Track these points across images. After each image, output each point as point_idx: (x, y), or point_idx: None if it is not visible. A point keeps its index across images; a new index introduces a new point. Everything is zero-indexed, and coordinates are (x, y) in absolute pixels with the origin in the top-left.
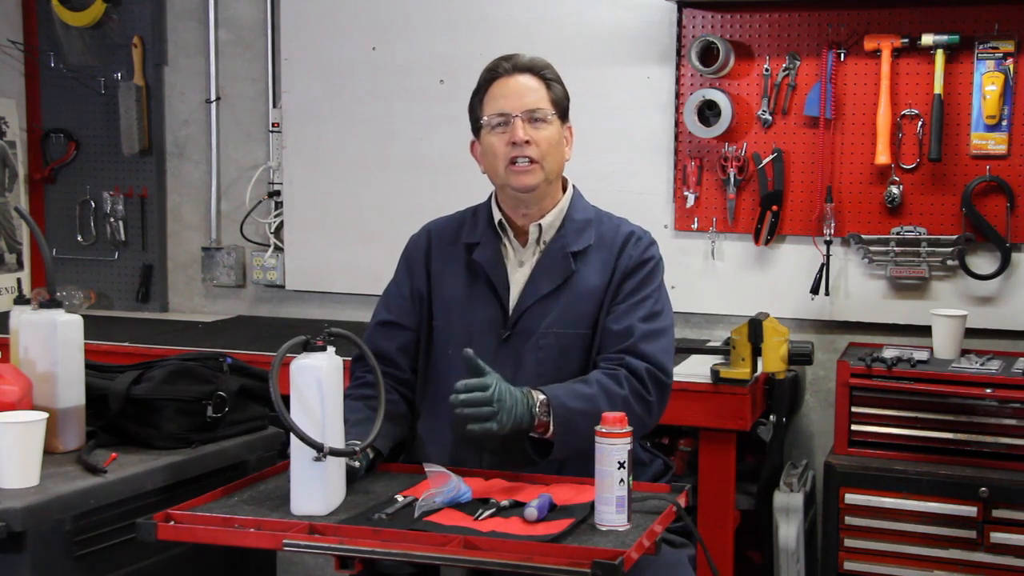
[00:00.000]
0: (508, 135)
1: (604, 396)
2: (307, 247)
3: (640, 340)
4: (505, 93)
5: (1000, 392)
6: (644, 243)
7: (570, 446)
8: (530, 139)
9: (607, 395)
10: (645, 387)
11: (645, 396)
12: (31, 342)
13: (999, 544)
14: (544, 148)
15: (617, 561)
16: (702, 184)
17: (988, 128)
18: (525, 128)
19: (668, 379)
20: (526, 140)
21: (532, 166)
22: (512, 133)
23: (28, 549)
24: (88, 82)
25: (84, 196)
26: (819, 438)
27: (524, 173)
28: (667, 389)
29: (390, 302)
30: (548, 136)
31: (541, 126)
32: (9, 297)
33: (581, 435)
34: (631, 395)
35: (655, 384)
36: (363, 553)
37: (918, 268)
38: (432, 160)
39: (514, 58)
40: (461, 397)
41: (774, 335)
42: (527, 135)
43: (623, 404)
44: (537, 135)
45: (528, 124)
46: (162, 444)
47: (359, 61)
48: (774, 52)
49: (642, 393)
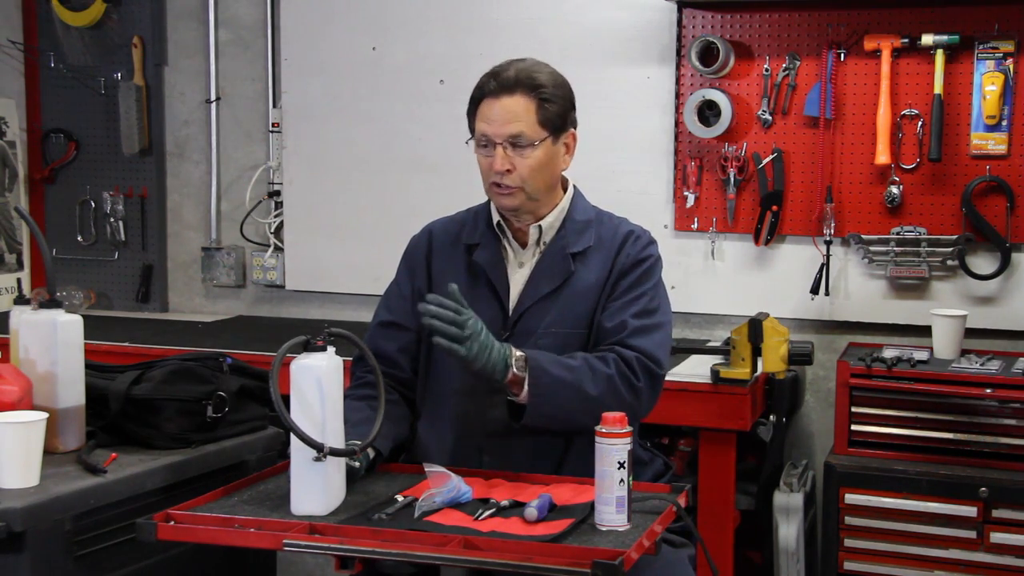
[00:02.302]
0: (491, 159)
1: (588, 371)
2: (307, 247)
3: (632, 334)
4: (489, 117)
5: (1000, 392)
6: (642, 242)
7: (544, 412)
8: (511, 167)
9: (591, 371)
10: (634, 373)
11: (632, 381)
12: (31, 342)
13: (999, 544)
14: (526, 174)
15: (617, 561)
16: (702, 184)
17: (988, 128)
18: (506, 156)
19: (660, 370)
20: (506, 169)
21: (512, 190)
22: (493, 160)
23: (28, 549)
24: (88, 82)
25: (84, 196)
26: (819, 438)
27: (504, 196)
28: (659, 380)
29: (391, 302)
30: (531, 162)
31: (524, 151)
32: (9, 297)
33: (558, 404)
34: (617, 376)
35: (645, 372)
36: (363, 553)
37: (918, 268)
38: (432, 160)
39: (503, 74)
40: (431, 308)
41: (774, 335)
42: (507, 164)
43: (607, 382)
44: (520, 161)
45: (511, 149)
46: (162, 444)
47: (359, 61)
48: (774, 52)
49: (629, 377)
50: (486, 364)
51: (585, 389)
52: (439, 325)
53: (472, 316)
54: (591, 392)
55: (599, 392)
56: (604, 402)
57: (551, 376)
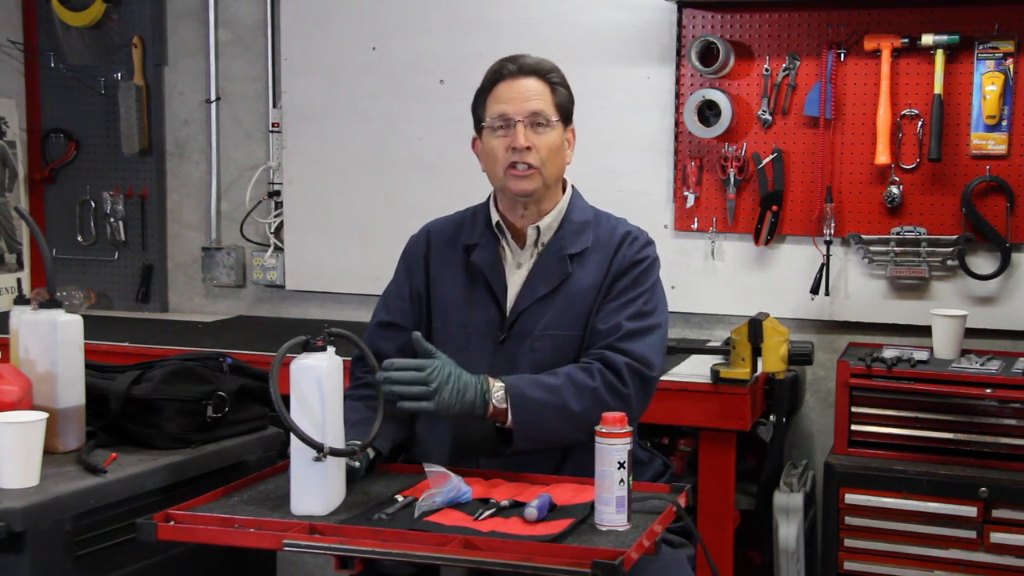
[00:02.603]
0: (509, 139)
1: (571, 388)
2: (307, 247)
3: (624, 337)
4: (508, 96)
5: (1000, 392)
6: (639, 243)
7: (532, 436)
8: (531, 145)
9: (575, 387)
10: (621, 380)
11: (620, 389)
12: (31, 342)
13: (999, 544)
14: (544, 154)
15: (617, 561)
16: (702, 184)
17: (988, 128)
18: (526, 133)
19: (652, 373)
20: (527, 146)
21: (531, 171)
22: (513, 138)
23: (28, 549)
24: (88, 82)
25: (84, 196)
26: (819, 438)
27: (523, 179)
28: (651, 383)
29: (389, 303)
30: (549, 142)
31: (543, 131)
32: (9, 297)
33: (544, 427)
34: (603, 387)
35: (635, 377)
36: (363, 553)
37: (918, 268)
38: (432, 160)
39: (520, 59)
40: (388, 375)
41: (774, 335)
42: (528, 141)
43: (592, 396)
44: (538, 140)
45: (530, 129)
46: (162, 444)
47: (359, 61)
48: (774, 52)
49: (616, 386)
50: (463, 407)
51: (570, 407)
52: (400, 390)
53: (436, 364)
54: (576, 409)
55: (584, 408)
56: (590, 417)
57: (533, 401)
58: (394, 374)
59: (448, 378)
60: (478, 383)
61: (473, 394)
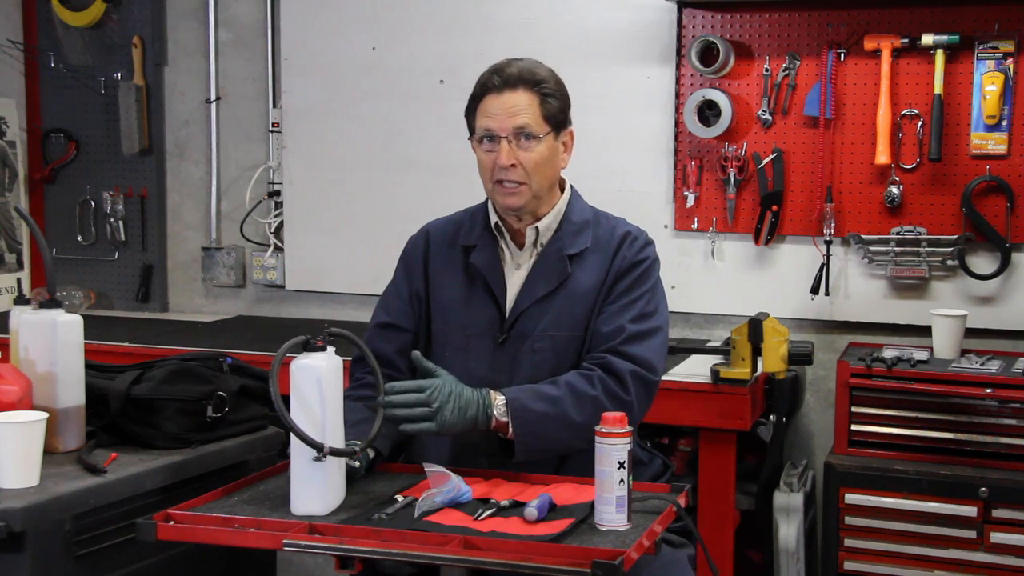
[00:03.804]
0: (495, 155)
1: (572, 397)
2: (307, 247)
3: (627, 341)
4: (493, 111)
5: (1000, 392)
6: (639, 244)
7: (533, 447)
8: (515, 162)
9: (575, 397)
10: (624, 387)
11: (621, 396)
12: (31, 342)
13: (999, 544)
14: (531, 168)
15: (617, 561)
16: (702, 184)
17: (988, 128)
18: (511, 150)
19: (655, 377)
20: (511, 164)
21: (518, 188)
22: (498, 155)
23: (28, 549)
24: (88, 82)
25: (84, 196)
26: (819, 438)
27: (510, 195)
28: (653, 387)
29: (389, 304)
30: (536, 156)
31: (529, 144)
32: (9, 297)
33: (544, 437)
34: (604, 396)
35: (638, 383)
36: (363, 553)
37: (918, 268)
38: (432, 160)
39: (507, 71)
40: (389, 399)
41: (774, 335)
42: (512, 158)
43: (593, 404)
44: (524, 155)
45: (515, 144)
46: (162, 444)
47: (359, 61)
48: (774, 52)
49: (618, 394)
50: (466, 424)
51: (571, 417)
52: (402, 413)
53: (437, 384)
54: (577, 419)
55: (585, 418)
56: (591, 426)
57: (534, 413)
58: (395, 398)
59: (449, 397)
60: (480, 399)
61: (475, 410)
